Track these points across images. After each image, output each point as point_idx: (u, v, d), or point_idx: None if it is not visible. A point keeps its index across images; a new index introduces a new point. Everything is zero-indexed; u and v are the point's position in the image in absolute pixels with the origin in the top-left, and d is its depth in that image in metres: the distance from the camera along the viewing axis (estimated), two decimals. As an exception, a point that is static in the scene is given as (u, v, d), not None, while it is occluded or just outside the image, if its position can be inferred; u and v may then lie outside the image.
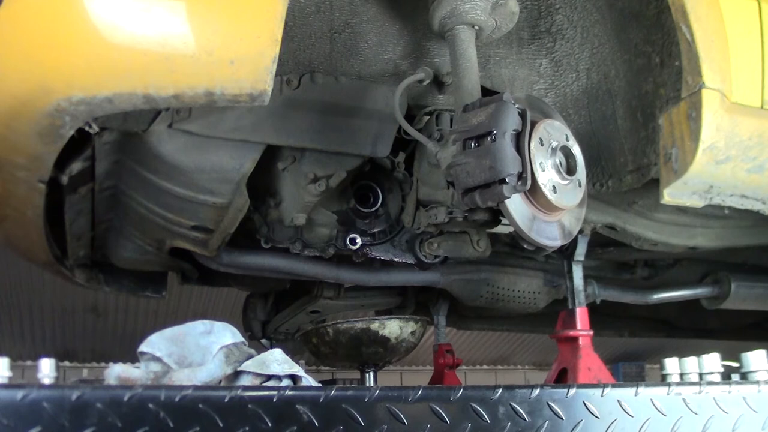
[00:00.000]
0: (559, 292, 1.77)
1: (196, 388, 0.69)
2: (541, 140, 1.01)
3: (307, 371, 0.95)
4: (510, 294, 1.73)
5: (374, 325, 1.48)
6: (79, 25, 0.84)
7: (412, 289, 1.94)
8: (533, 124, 1.01)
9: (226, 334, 0.95)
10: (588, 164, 1.14)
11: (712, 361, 1.75)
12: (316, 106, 1.20)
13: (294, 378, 0.91)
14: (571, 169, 1.06)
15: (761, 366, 1.59)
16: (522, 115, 0.99)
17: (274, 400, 0.70)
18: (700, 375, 1.74)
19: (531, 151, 0.98)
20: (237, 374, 0.90)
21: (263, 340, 1.91)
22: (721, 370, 1.75)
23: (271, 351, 0.94)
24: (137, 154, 1.15)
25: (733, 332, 2.33)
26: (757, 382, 0.93)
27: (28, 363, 3.69)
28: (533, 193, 1.02)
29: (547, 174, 1.01)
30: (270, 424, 0.69)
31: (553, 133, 1.04)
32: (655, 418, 0.84)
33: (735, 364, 1.82)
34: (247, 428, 0.69)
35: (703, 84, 1.10)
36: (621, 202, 1.52)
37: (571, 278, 1.68)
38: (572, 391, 0.81)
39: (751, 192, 1.23)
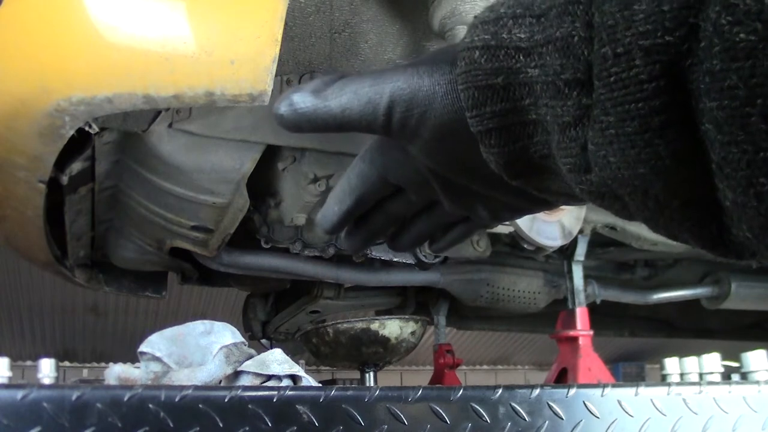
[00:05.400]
0: (559, 292, 1.77)
1: (196, 388, 0.69)
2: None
3: (307, 371, 0.95)
4: (510, 294, 1.73)
5: (374, 325, 1.48)
6: (79, 25, 0.84)
7: (412, 289, 1.94)
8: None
9: (226, 334, 0.95)
10: (588, 164, 1.14)
11: (712, 361, 1.75)
12: (316, 106, 1.20)
13: (294, 378, 0.91)
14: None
15: (761, 366, 1.59)
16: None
17: (274, 400, 0.70)
18: (700, 375, 1.74)
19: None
20: (237, 374, 0.90)
21: (263, 340, 1.91)
22: (721, 370, 1.75)
23: (271, 351, 0.94)
24: (137, 154, 1.15)
25: (733, 332, 2.33)
26: (757, 382, 0.93)
27: (28, 363, 3.69)
28: (533, 192, 1.02)
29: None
30: (270, 424, 0.69)
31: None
32: (655, 418, 0.84)
33: (735, 364, 1.82)
34: (247, 428, 0.69)
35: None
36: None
37: (571, 278, 1.68)
38: (572, 391, 0.81)
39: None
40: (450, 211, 0.50)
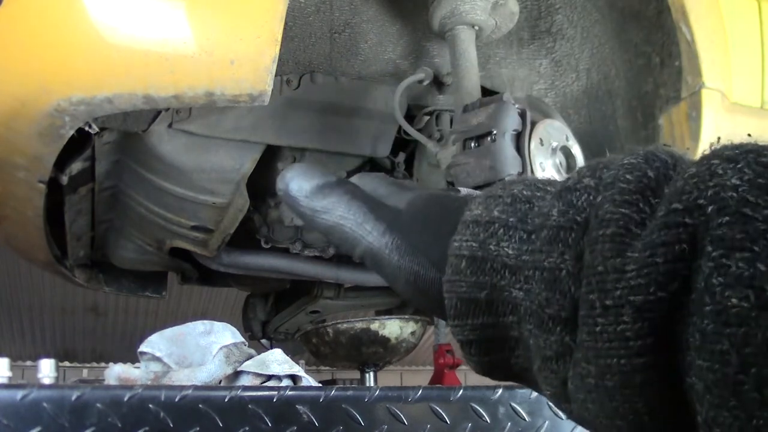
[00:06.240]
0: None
1: (196, 388, 0.69)
2: (541, 140, 1.01)
3: (307, 371, 0.95)
4: (510, 294, 1.73)
5: (374, 325, 1.48)
6: (79, 25, 0.84)
7: (413, 289, 1.94)
8: (533, 124, 1.01)
9: (226, 334, 0.95)
10: (588, 164, 1.14)
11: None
12: (316, 106, 1.20)
13: (294, 378, 0.92)
14: (571, 169, 1.06)
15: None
16: (522, 115, 0.99)
17: (274, 400, 0.70)
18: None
19: (531, 151, 0.98)
20: (237, 374, 0.90)
21: (263, 340, 1.91)
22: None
23: (271, 351, 0.94)
24: (137, 154, 1.15)
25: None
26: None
27: (28, 363, 3.69)
28: (533, 193, 1.02)
29: (547, 174, 1.02)
30: (270, 424, 0.69)
31: (554, 133, 1.04)
32: (655, 418, 0.84)
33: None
34: (247, 428, 0.69)
35: (702, 84, 1.10)
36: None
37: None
38: (572, 391, 0.81)
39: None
40: None
